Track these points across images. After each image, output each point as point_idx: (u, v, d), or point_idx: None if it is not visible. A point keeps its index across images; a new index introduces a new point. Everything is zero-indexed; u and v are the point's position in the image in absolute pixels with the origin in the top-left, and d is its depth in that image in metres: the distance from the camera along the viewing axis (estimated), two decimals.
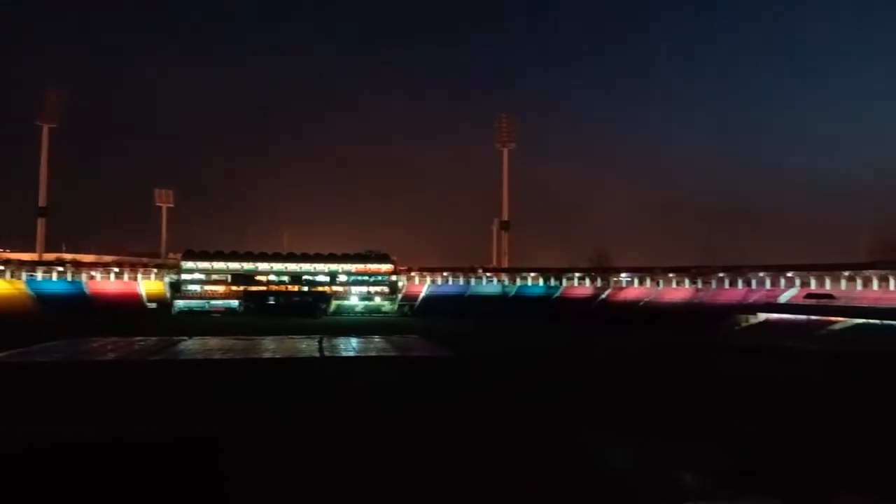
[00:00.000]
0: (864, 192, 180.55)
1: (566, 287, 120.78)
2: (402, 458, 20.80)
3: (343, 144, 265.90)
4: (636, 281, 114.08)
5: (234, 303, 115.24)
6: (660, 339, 68.42)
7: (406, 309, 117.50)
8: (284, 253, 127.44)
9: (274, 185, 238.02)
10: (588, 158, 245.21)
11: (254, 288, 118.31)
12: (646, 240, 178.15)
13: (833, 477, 18.32)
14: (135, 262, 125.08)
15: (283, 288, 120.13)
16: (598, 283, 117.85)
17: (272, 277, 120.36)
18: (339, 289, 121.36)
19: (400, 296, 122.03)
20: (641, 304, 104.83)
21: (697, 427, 25.90)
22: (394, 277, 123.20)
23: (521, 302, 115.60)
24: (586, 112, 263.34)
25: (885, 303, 73.50)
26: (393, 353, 54.46)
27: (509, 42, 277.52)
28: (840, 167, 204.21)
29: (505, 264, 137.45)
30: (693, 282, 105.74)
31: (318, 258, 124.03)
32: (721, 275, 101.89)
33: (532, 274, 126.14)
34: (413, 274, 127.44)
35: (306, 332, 73.97)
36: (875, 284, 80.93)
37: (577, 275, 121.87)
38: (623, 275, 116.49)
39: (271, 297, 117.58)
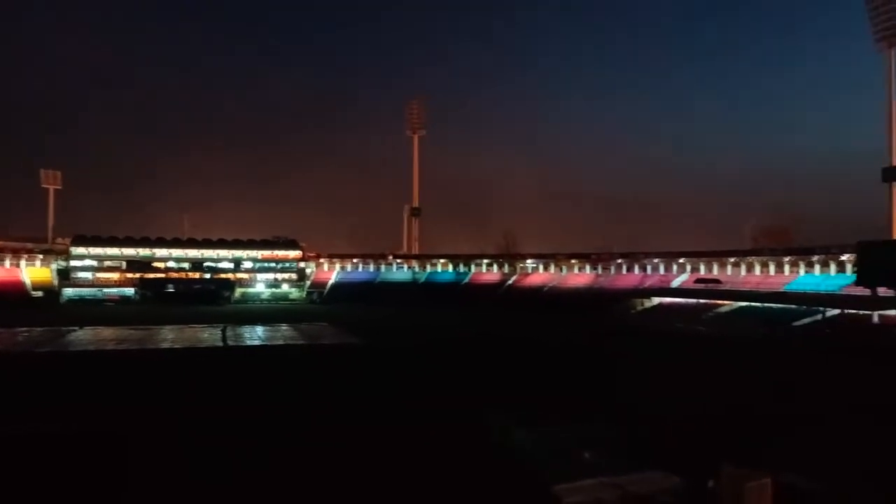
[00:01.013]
0: (749, 182, 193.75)
1: (475, 273, 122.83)
2: (308, 451, 20.65)
3: (250, 128, 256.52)
4: (541, 267, 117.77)
5: (130, 291, 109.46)
6: (563, 323, 71.08)
7: (314, 296, 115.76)
8: (185, 238, 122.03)
9: (174, 168, 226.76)
10: (496, 145, 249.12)
11: (151, 275, 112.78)
12: (551, 226, 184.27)
13: (720, 450, 19.74)
14: (18, 247, 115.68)
15: (183, 275, 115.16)
16: (506, 269, 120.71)
17: (171, 264, 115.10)
18: (244, 276, 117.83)
19: (308, 283, 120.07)
20: (546, 289, 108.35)
21: (594, 406, 27.23)
22: (302, 264, 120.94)
23: (432, 288, 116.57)
24: (494, 98, 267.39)
25: (766, 287, 79.72)
26: (301, 342, 53.60)
27: (420, 25, 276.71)
28: (727, 159, 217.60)
29: (415, 251, 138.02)
30: (594, 267, 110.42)
31: (222, 244, 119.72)
32: (619, 261, 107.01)
33: (442, 260, 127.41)
34: (322, 260, 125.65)
35: (209, 320, 71.38)
36: (757, 270, 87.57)
37: (485, 261, 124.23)
38: (529, 261, 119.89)
39: (170, 285, 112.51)
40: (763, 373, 38.89)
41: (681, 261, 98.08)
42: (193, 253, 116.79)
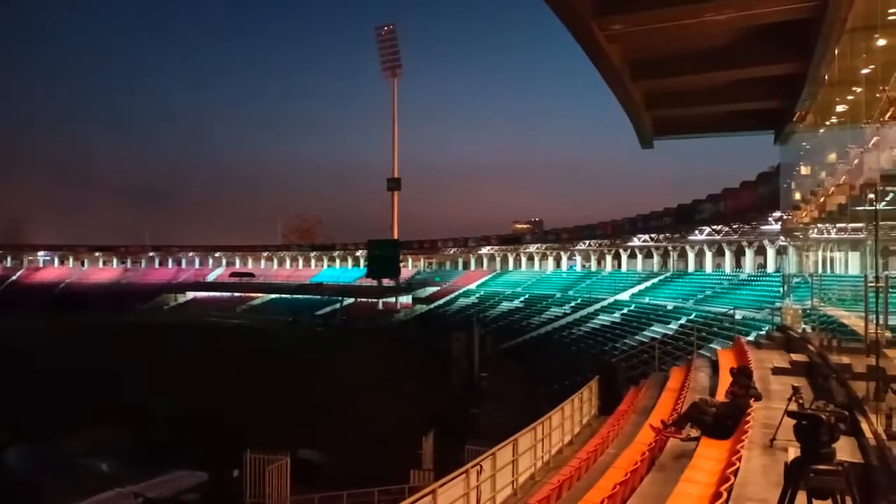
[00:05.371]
0: (281, 180, 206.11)
1: None
2: None
3: None
4: (57, 260, 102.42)
5: None
6: (82, 322, 63.11)
7: None
8: None
9: None
10: None
11: None
12: (70, 216, 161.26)
13: (247, 438, 20.40)
14: None
15: None
16: (8, 262, 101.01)
17: None
18: None
19: None
20: (63, 285, 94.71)
21: (107, 411, 24.92)
22: None
23: None
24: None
25: (295, 279, 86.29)
26: None
27: None
28: (262, 164, 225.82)
29: None
30: (122, 261, 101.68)
31: None
32: (151, 254, 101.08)
33: None
34: None
35: None
36: (287, 264, 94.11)
37: None
38: (40, 253, 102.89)
39: None
40: (289, 357, 42.04)
41: (217, 255, 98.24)
42: None
